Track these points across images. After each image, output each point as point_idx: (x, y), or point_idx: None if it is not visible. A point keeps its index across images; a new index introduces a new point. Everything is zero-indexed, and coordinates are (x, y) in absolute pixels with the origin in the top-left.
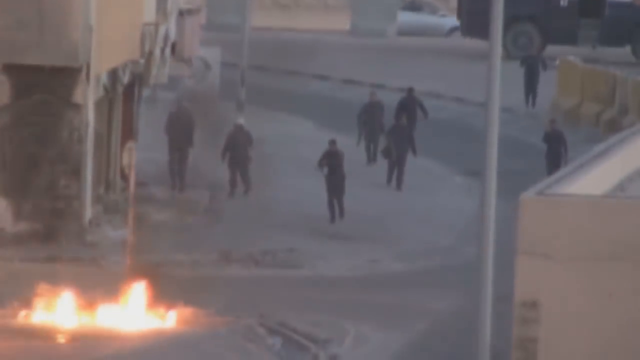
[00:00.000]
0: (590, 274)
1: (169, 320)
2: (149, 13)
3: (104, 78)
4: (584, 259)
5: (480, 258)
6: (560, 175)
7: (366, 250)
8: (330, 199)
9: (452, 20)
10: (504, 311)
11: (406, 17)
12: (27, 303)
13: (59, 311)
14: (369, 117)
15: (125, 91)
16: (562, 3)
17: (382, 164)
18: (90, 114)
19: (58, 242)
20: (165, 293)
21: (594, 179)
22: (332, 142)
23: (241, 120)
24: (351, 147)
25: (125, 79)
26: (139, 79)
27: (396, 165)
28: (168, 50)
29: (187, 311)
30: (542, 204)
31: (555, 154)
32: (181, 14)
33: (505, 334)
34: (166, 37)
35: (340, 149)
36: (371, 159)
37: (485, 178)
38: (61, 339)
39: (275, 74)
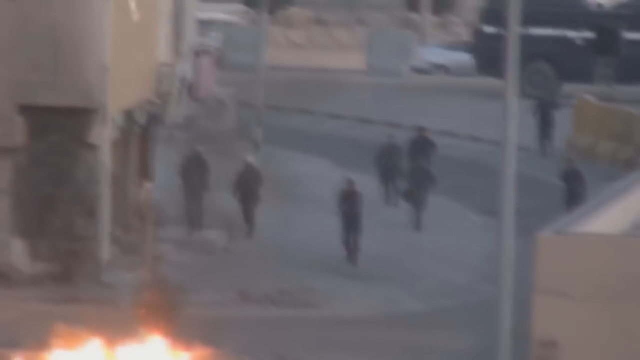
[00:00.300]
0: (608, 312)
1: None
2: (165, 53)
3: (120, 118)
4: (601, 298)
5: (498, 297)
6: (577, 213)
7: (383, 289)
8: (346, 238)
9: None
10: (522, 350)
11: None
12: (44, 344)
13: (75, 353)
14: (387, 160)
15: (141, 131)
16: (577, 41)
17: (401, 203)
18: (106, 155)
19: (74, 283)
20: (182, 333)
21: (611, 217)
22: (350, 182)
23: (250, 158)
24: (367, 186)
25: (141, 119)
26: (154, 119)
27: (419, 207)
28: (184, 90)
29: (204, 351)
30: (559, 243)
31: (574, 192)
32: (197, 54)
33: None
34: (182, 77)
35: (357, 189)
36: (390, 200)
37: (502, 216)
38: None
39: (291, 113)
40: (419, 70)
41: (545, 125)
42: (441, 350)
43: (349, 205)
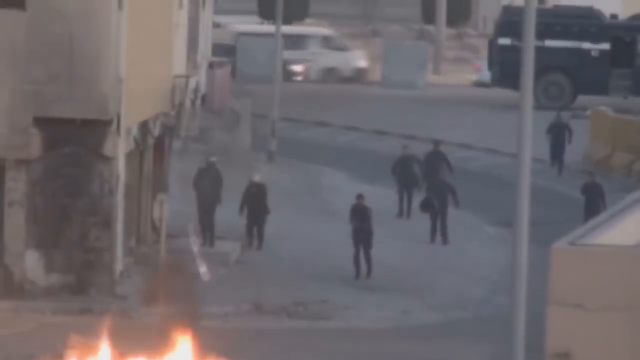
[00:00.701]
0: (622, 324)
1: None
2: (180, 65)
3: (135, 130)
4: (616, 310)
5: (513, 309)
6: (592, 225)
7: (398, 301)
8: (356, 254)
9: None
10: None
11: None
12: (59, 356)
13: None
14: (402, 171)
15: (156, 143)
16: (593, 53)
17: (415, 215)
18: (121, 167)
19: (89, 295)
20: (198, 345)
21: (626, 229)
22: (360, 197)
23: (257, 178)
24: (382, 199)
25: (156, 131)
26: (169, 131)
27: (439, 220)
28: (199, 102)
29: None
30: (574, 255)
31: (594, 206)
32: (211, 66)
33: None
34: (197, 89)
35: (366, 204)
36: (404, 213)
37: (517, 228)
38: None
39: (306, 126)
40: (481, 84)
41: (557, 147)
42: None
43: (359, 220)
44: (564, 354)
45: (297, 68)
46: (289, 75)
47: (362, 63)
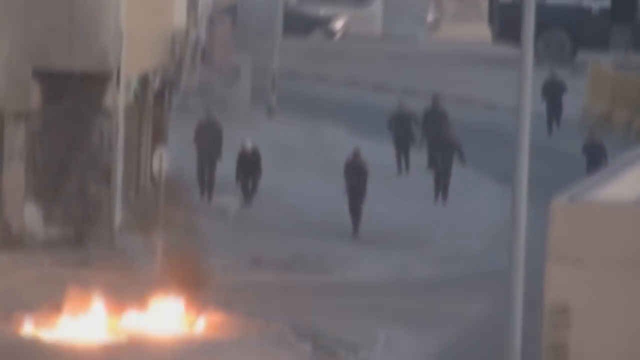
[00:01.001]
0: (621, 279)
1: (199, 325)
2: (180, 19)
3: (135, 84)
4: (615, 265)
5: (511, 264)
6: (592, 181)
7: (396, 255)
8: (352, 208)
9: None
10: (535, 317)
11: None
12: (57, 308)
13: (88, 316)
14: (398, 127)
15: (156, 97)
16: (593, 9)
17: (414, 171)
18: (121, 120)
19: (87, 247)
20: (195, 298)
21: (626, 185)
22: (355, 152)
23: (248, 144)
24: (381, 154)
25: (156, 84)
26: (169, 85)
27: (442, 177)
28: (198, 57)
29: (217, 316)
30: (573, 210)
31: (596, 166)
32: (211, 20)
33: (536, 340)
34: (196, 43)
35: (361, 159)
36: (401, 169)
37: (516, 184)
38: (90, 345)
39: (306, 80)
40: None
41: (552, 109)
42: (454, 316)
43: (353, 175)
44: (562, 309)
45: (338, 25)
46: (329, 34)
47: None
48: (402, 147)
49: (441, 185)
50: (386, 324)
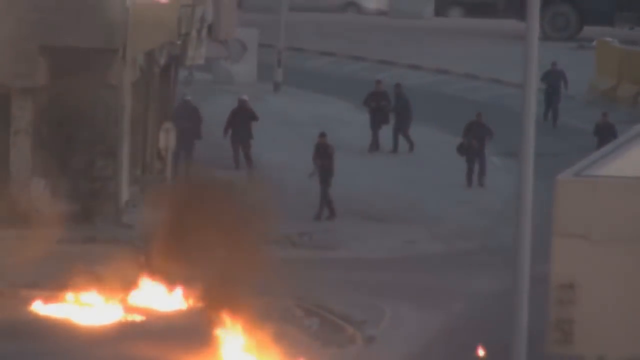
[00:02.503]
0: (626, 254)
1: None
2: None
3: (141, 59)
4: (620, 240)
5: (517, 239)
6: (597, 156)
7: (403, 231)
8: (323, 192)
9: None
10: (541, 292)
11: None
12: (63, 284)
13: (93, 292)
14: (376, 106)
15: (162, 73)
16: None
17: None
18: (127, 96)
19: (94, 223)
20: (201, 274)
21: (631, 160)
22: (322, 135)
23: (244, 96)
24: (386, 130)
25: (162, 60)
26: (175, 61)
27: (477, 163)
28: (204, 32)
29: (222, 293)
30: (578, 186)
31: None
32: None
33: (542, 315)
34: (202, 19)
35: (328, 142)
36: (374, 147)
37: (522, 159)
38: (97, 322)
39: (312, 55)
40: None
41: (551, 97)
42: (460, 292)
43: (321, 158)
44: (569, 285)
45: (372, 3)
46: (359, 9)
47: None
48: (377, 124)
49: (474, 170)
50: (393, 300)
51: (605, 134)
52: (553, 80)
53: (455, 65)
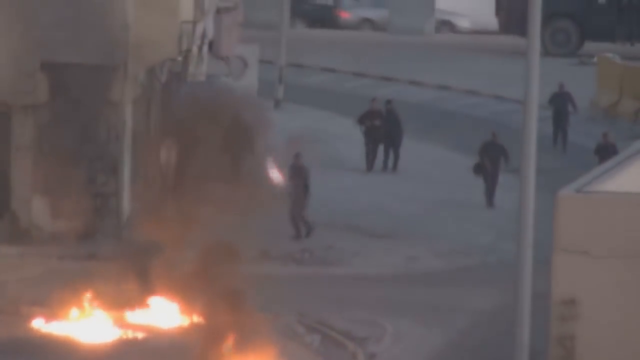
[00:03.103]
0: (627, 270)
1: (205, 318)
2: (187, 10)
3: (142, 76)
4: (621, 256)
5: (518, 256)
6: (598, 172)
7: (404, 247)
8: (293, 215)
9: None
10: (543, 308)
11: None
12: (64, 301)
13: (94, 310)
14: (370, 125)
15: (163, 89)
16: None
17: (425, 166)
18: (128, 112)
19: (96, 240)
20: (204, 291)
21: (632, 176)
22: (297, 156)
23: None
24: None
25: (163, 77)
26: (176, 77)
27: (490, 182)
28: (205, 48)
29: (226, 309)
30: (579, 202)
31: None
32: (219, 11)
33: (543, 331)
34: (204, 35)
35: (303, 163)
36: (369, 167)
37: (524, 175)
38: (97, 340)
39: (313, 72)
40: None
41: (559, 119)
42: (462, 308)
43: (296, 179)
44: (570, 300)
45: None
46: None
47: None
48: (372, 145)
49: (489, 189)
50: (394, 316)
51: (607, 153)
52: (561, 103)
53: (456, 81)
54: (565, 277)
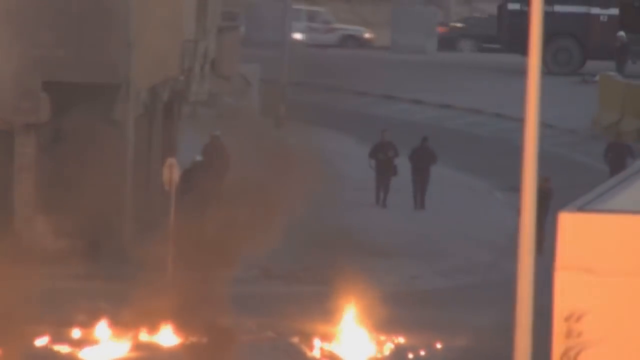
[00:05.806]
0: (631, 290)
1: (210, 337)
2: (189, 30)
3: (144, 95)
4: (625, 275)
5: (520, 274)
6: (600, 190)
7: (407, 266)
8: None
9: None
10: (544, 327)
11: None
12: (67, 320)
13: (98, 329)
14: (384, 157)
15: (165, 108)
16: (602, 18)
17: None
18: (130, 131)
19: (98, 259)
20: (205, 309)
21: (635, 194)
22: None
23: (217, 132)
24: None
25: (165, 95)
26: (178, 96)
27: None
28: (207, 67)
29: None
30: (582, 220)
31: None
32: (220, 30)
33: (545, 350)
34: (206, 54)
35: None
36: (380, 203)
37: (525, 193)
38: (100, 358)
39: (315, 90)
40: None
41: (617, 172)
42: (464, 326)
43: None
44: (572, 318)
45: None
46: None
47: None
48: (383, 181)
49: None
50: (395, 334)
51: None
52: (617, 154)
53: (458, 99)
54: (567, 295)
